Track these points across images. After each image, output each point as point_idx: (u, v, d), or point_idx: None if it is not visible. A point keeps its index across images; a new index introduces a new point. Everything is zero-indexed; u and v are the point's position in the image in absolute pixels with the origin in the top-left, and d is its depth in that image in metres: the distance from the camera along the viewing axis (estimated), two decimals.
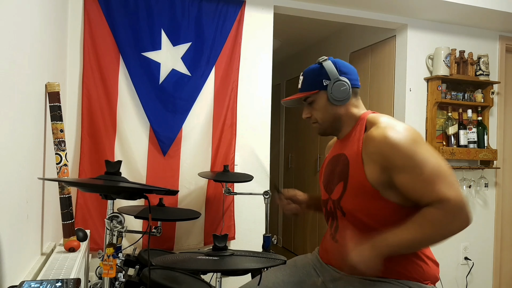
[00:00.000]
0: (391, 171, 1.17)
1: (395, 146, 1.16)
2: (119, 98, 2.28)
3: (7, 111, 1.08)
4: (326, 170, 1.43)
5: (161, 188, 1.16)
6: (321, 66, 1.35)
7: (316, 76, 1.35)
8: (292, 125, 4.74)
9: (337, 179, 1.32)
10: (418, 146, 1.16)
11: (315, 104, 1.37)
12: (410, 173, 1.14)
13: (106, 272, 1.26)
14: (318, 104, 1.36)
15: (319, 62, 1.36)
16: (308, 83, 1.37)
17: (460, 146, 2.92)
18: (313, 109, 1.38)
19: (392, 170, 1.17)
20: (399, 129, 1.19)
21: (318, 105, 1.36)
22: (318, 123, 1.39)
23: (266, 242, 2.16)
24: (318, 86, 1.34)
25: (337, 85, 1.31)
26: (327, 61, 1.35)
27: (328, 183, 1.38)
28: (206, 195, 2.46)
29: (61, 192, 1.58)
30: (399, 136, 1.17)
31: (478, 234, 3.08)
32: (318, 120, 1.38)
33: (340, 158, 1.33)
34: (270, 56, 2.62)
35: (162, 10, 2.33)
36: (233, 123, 2.50)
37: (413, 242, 1.15)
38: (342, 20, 2.89)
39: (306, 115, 1.41)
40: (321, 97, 1.34)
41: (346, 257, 1.17)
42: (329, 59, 1.36)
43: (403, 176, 1.15)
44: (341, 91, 1.32)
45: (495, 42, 3.14)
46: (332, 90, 1.31)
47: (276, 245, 4.85)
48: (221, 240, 1.24)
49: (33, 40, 1.37)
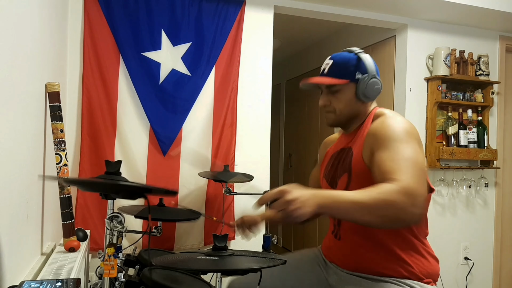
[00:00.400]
0: (375, 149, 1.16)
1: (387, 128, 1.17)
2: (119, 98, 2.28)
3: (7, 111, 1.08)
4: (328, 165, 1.40)
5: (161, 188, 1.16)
6: (358, 58, 1.28)
7: (350, 66, 1.28)
8: (292, 125, 4.74)
9: (341, 172, 1.30)
10: (408, 136, 1.15)
11: (339, 94, 1.29)
12: (388, 150, 1.11)
13: (108, 272, 1.26)
14: (344, 95, 1.29)
15: (355, 52, 1.29)
16: (338, 71, 1.29)
17: (460, 146, 2.92)
18: (334, 98, 1.30)
19: (376, 148, 1.16)
20: (398, 119, 1.21)
21: (343, 96, 1.29)
22: (335, 114, 1.32)
23: (266, 242, 2.16)
24: (349, 76, 1.27)
25: (372, 82, 1.27)
26: (365, 54, 1.29)
27: (332, 178, 1.35)
28: (206, 195, 2.46)
29: (61, 192, 1.58)
30: (394, 122, 1.19)
31: (478, 234, 3.08)
32: (337, 110, 1.31)
33: (346, 152, 1.31)
34: (270, 56, 2.62)
35: (162, 10, 2.33)
36: (233, 123, 2.50)
37: (354, 205, 1.02)
38: (342, 20, 2.89)
39: (324, 102, 1.33)
40: (349, 89, 1.28)
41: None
42: (364, 53, 1.30)
43: (381, 152, 1.13)
44: (374, 89, 1.27)
45: (495, 42, 3.14)
46: (366, 86, 1.26)
47: (276, 245, 4.85)
48: (221, 240, 1.24)
49: (33, 40, 1.37)
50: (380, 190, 1.02)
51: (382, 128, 1.19)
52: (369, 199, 1.01)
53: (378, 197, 1.01)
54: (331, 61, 1.31)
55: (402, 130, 1.16)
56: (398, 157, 1.09)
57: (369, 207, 1.01)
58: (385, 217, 1.02)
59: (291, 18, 2.83)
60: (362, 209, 1.02)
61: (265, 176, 2.59)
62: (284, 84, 4.98)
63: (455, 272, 3.02)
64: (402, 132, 1.15)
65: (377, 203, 1.00)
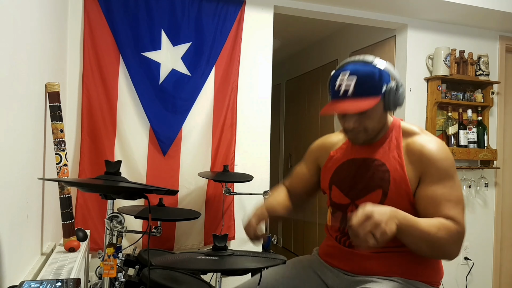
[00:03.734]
0: (424, 181, 1.18)
1: (439, 159, 1.17)
2: (119, 98, 2.28)
3: (7, 111, 1.08)
4: (341, 173, 1.33)
5: (161, 188, 1.16)
6: (380, 68, 1.17)
7: (377, 81, 1.15)
8: (292, 125, 4.74)
9: (372, 186, 1.24)
10: (455, 169, 1.20)
11: (370, 113, 1.17)
12: (444, 187, 1.15)
13: (107, 272, 1.26)
14: (375, 112, 1.18)
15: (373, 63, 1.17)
16: (367, 89, 1.15)
17: (460, 146, 2.92)
18: (365, 118, 1.18)
19: (426, 181, 1.17)
20: (442, 147, 1.22)
21: (374, 114, 1.19)
22: (366, 133, 1.22)
23: (266, 242, 2.16)
24: (379, 92, 1.16)
25: (400, 90, 1.18)
26: (382, 60, 1.19)
27: (352, 187, 1.29)
28: (206, 195, 2.46)
29: (61, 192, 1.58)
30: (443, 153, 1.20)
31: (478, 234, 3.08)
32: (369, 130, 1.21)
33: (375, 165, 1.25)
34: (270, 56, 2.62)
35: (162, 10, 2.33)
36: (233, 123, 2.50)
37: (424, 235, 1.07)
38: (342, 20, 2.89)
39: (355, 125, 1.19)
40: (379, 105, 1.17)
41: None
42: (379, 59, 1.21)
43: (436, 187, 1.16)
44: (402, 98, 1.20)
45: (495, 42, 3.14)
46: (395, 95, 1.17)
47: (276, 245, 4.85)
48: (221, 240, 1.24)
49: (33, 40, 1.37)
50: (449, 231, 1.09)
51: (431, 154, 1.18)
52: (438, 235, 1.08)
53: (444, 237, 1.08)
54: (354, 78, 1.15)
55: (453, 164, 1.20)
56: (452, 195, 1.15)
57: (434, 242, 1.09)
58: (439, 253, 1.13)
59: (291, 18, 2.83)
60: (427, 241, 1.09)
61: (265, 176, 2.59)
62: (284, 84, 4.98)
63: (455, 272, 3.02)
64: (451, 164, 1.19)
65: (441, 242, 1.09)
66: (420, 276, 1.23)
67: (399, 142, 1.25)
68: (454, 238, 1.10)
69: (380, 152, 1.26)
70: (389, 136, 1.27)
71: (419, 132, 1.26)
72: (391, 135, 1.27)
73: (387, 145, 1.26)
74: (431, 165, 1.18)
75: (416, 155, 1.20)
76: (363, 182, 1.26)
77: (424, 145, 1.20)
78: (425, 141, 1.22)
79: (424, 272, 1.24)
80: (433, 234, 1.07)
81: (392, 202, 1.17)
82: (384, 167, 1.23)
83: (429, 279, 1.24)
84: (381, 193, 1.22)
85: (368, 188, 1.25)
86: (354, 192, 1.28)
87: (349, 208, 1.28)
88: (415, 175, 1.19)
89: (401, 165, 1.21)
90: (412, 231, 1.07)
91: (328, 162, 1.40)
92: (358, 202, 1.25)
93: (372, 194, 1.23)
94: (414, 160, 1.20)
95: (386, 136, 1.27)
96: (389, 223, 1.00)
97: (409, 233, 1.07)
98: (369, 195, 1.24)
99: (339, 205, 1.32)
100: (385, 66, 1.19)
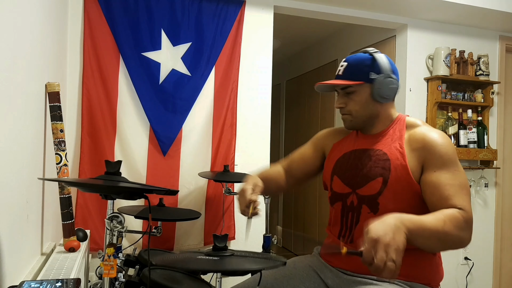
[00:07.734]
0: (427, 167, 1.19)
1: (440, 145, 1.20)
2: (119, 98, 2.28)
3: (7, 111, 1.07)
4: (343, 163, 1.36)
5: (161, 188, 1.16)
6: (373, 58, 1.28)
7: (364, 67, 1.27)
8: (292, 125, 4.74)
9: (372, 174, 1.26)
10: (457, 157, 1.22)
11: (354, 96, 1.29)
12: (447, 172, 1.17)
13: (107, 272, 1.26)
14: (359, 96, 1.28)
15: (369, 53, 1.29)
16: (353, 72, 1.28)
17: (460, 146, 2.92)
18: (350, 100, 1.30)
19: (430, 167, 1.19)
20: (444, 135, 1.24)
21: (358, 98, 1.29)
22: (351, 116, 1.32)
23: (266, 242, 2.16)
24: (363, 77, 1.27)
25: (387, 81, 1.26)
26: (380, 53, 1.29)
27: (353, 177, 1.31)
28: (206, 195, 2.46)
29: (61, 192, 1.58)
30: (444, 140, 1.22)
31: (478, 234, 3.05)
32: (353, 113, 1.31)
33: (375, 154, 1.29)
34: (270, 56, 2.62)
35: (162, 10, 2.33)
36: (233, 123, 2.50)
37: (434, 233, 1.06)
38: (342, 20, 2.89)
39: (340, 105, 1.32)
40: (364, 90, 1.28)
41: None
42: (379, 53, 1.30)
43: (440, 174, 1.17)
44: (389, 88, 1.27)
45: (495, 42, 3.14)
46: (381, 85, 1.26)
47: (276, 245, 4.85)
48: (221, 240, 1.24)
49: (33, 40, 1.37)
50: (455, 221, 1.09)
51: (432, 142, 1.21)
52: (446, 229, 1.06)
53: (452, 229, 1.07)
54: (345, 63, 1.31)
55: (453, 149, 1.21)
56: (458, 183, 1.16)
57: (444, 236, 1.07)
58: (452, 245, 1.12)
59: (291, 18, 2.83)
60: (437, 238, 1.07)
61: None
62: (284, 84, 4.98)
63: (455, 272, 3.02)
64: (453, 151, 1.21)
65: (451, 234, 1.07)
66: (420, 278, 1.23)
67: (401, 134, 1.28)
68: (462, 226, 1.10)
69: (382, 142, 1.30)
70: (392, 128, 1.32)
71: (421, 124, 1.30)
72: (394, 127, 1.32)
73: (389, 136, 1.30)
74: (434, 151, 1.20)
75: (419, 142, 1.23)
76: (364, 171, 1.29)
77: (426, 133, 1.24)
78: (427, 130, 1.26)
79: (423, 274, 1.24)
80: (441, 229, 1.06)
81: (392, 189, 1.22)
82: (385, 156, 1.27)
83: (429, 281, 1.25)
84: (381, 181, 1.24)
85: (369, 176, 1.27)
86: (355, 181, 1.30)
87: (349, 198, 1.31)
88: (418, 163, 1.22)
89: (402, 154, 1.24)
90: (420, 232, 1.04)
91: (332, 152, 1.44)
92: (359, 191, 1.28)
93: (373, 183, 1.26)
94: (416, 148, 1.23)
95: (389, 128, 1.32)
96: (397, 237, 0.96)
97: (419, 235, 1.04)
98: (369, 183, 1.26)
99: (340, 194, 1.34)
100: (381, 58, 1.28)
